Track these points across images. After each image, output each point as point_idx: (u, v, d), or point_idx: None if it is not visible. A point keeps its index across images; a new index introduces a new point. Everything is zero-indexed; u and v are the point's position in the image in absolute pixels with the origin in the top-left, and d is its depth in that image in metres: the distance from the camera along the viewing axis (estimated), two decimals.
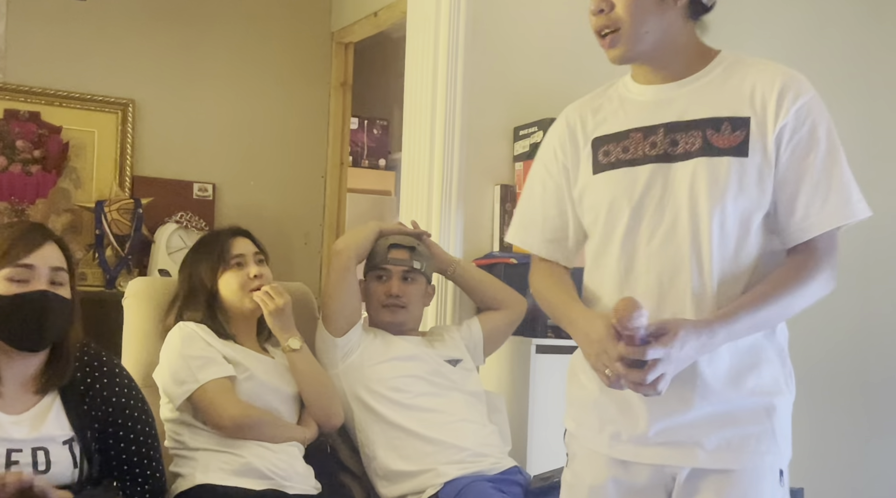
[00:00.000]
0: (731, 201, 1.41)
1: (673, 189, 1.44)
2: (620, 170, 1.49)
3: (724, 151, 1.42)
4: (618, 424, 1.49)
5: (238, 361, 2.14)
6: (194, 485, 2.00)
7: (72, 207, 3.62)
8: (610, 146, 1.51)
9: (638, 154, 1.47)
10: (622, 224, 1.48)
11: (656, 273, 1.45)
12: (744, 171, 1.41)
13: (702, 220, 1.42)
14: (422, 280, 2.45)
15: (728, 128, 1.43)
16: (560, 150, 1.60)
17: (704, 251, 1.42)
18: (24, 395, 1.76)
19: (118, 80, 3.74)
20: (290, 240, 4.05)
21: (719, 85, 1.47)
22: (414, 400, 2.30)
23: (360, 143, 5.09)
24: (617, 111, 1.55)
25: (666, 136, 1.46)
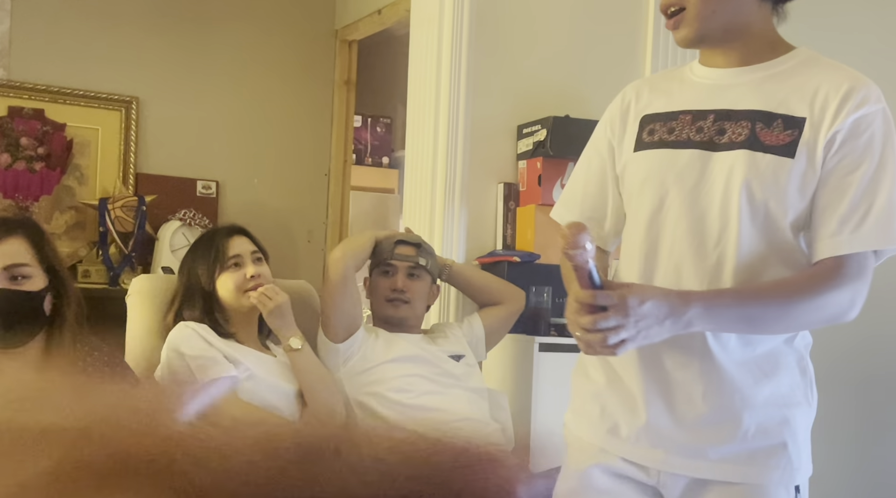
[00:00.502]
0: (763, 201, 1.33)
1: (709, 178, 1.37)
2: (661, 150, 1.42)
3: (770, 148, 1.34)
4: (617, 416, 1.44)
5: (239, 359, 2.14)
6: None
7: (76, 205, 3.63)
8: (656, 125, 1.45)
9: (682, 137, 1.41)
10: (650, 205, 1.42)
11: (676, 261, 1.38)
12: (786, 174, 1.32)
13: (731, 216, 1.35)
14: (427, 278, 2.45)
15: (780, 125, 1.35)
16: (610, 127, 1.53)
17: (729, 249, 1.35)
18: None
19: (122, 77, 3.74)
20: (294, 238, 4.05)
21: (783, 79, 1.38)
22: (417, 400, 2.30)
23: (364, 141, 5.09)
24: (673, 91, 1.48)
25: (714, 123, 1.39)
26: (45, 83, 3.62)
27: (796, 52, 1.41)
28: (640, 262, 1.42)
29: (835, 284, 1.32)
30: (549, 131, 2.77)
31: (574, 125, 2.77)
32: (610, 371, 1.46)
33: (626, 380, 1.43)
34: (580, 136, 3.00)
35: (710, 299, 1.31)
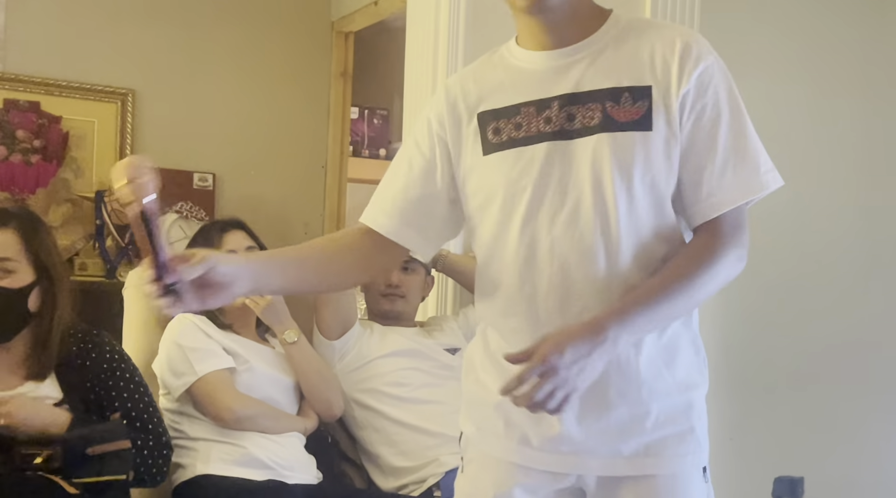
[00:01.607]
0: (639, 180, 1.27)
1: (574, 168, 1.29)
2: (514, 150, 1.32)
3: (626, 125, 1.27)
4: (526, 428, 1.33)
5: (237, 352, 2.14)
6: (195, 475, 2.00)
7: (72, 197, 3.62)
8: (500, 123, 1.34)
9: (532, 131, 1.31)
10: (520, 209, 1.31)
11: (560, 262, 1.29)
12: (649, 146, 1.27)
13: (608, 200, 1.27)
14: (421, 271, 2.45)
15: (629, 99, 1.28)
16: (437, 125, 1.39)
17: (613, 235, 1.28)
18: (18, 375, 1.78)
19: (118, 70, 3.73)
20: (291, 230, 4.04)
21: (615, 50, 1.31)
22: (414, 393, 2.30)
23: (361, 133, 5.09)
24: (504, 82, 1.36)
25: (561, 110, 1.30)
26: (41, 76, 3.61)
27: (615, 18, 1.35)
28: (518, 269, 1.32)
29: (722, 246, 1.29)
30: None
31: None
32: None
33: None
34: None
35: (620, 315, 1.24)
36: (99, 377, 1.82)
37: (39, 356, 1.78)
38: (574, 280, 1.29)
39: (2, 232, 1.76)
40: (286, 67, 4.06)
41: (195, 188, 3.83)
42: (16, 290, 1.74)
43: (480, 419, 1.40)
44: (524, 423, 1.33)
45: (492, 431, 1.38)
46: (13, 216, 1.81)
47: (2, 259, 1.74)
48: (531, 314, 1.31)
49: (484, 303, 1.41)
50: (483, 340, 1.42)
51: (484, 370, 1.39)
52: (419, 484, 2.20)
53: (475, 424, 1.41)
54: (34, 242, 1.79)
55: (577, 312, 1.28)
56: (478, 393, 1.40)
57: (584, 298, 1.28)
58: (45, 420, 1.69)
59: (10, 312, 1.75)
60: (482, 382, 1.39)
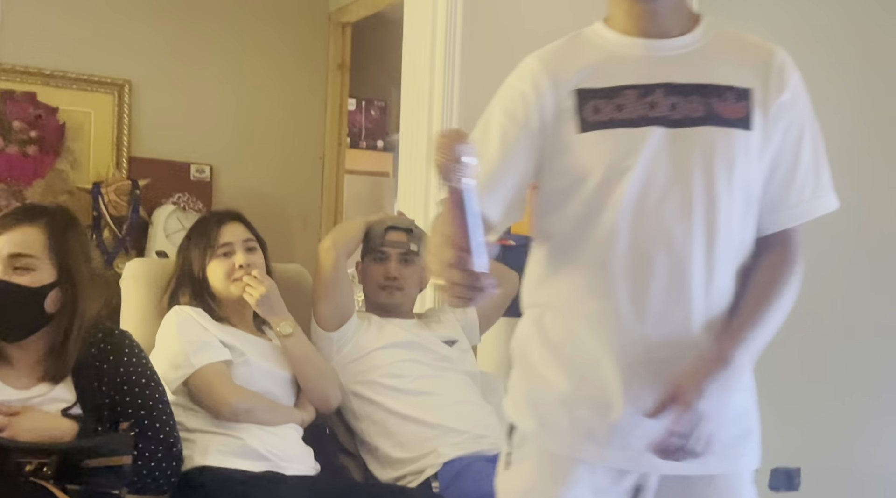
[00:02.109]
0: (738, 176, 1.29)
1: (683, 156, 1.28)
2: (617, 130, 1.29)
3: (731, 122, 1.29)
4: (593, 423, 1.31)
5: (234, 344, 2.14)
6: (193, 467, 2.01)
7: (69, 189, 3.61)
8: (599, 102, 1.30)
9: (635, 114, 1.29)
10: (623, 190, 1.28)
11: (667, 247, 1.27)
12: (749, 146, 1.30)
13: (713, 192, 1.28)
14: (419, 262, 2.45)
15: (732, 97, 1.30)
16: (535, 96, 1.34)
17: (714, 228, 1.28)
18: (32, 376, 1.76)
19: (114, 60, 3.72)
20: (289, 221, 4.04)
21: (715, 50, 1.34)
22: (412, 384, 2.30)
23: (358, 125, 5.08)
24: (601, 63, 1.34)
25: (666, 98, 1.29)
26: (37, 66, 3.59)
27: (709, 23, 1.38)
28: (616, 251, 1.28)
29: (796, 264, 1.34)
30: None
31: None
32: (577, 375, 1.32)
33: (600, 383, 1.31)
34: None
35: (740, 343, 1.27)
36: (114, 382, 1.79)
37: (56, 359, 1.75)
38: (676, 267, 1.28)
39: (29, 228, 1.73)
40: (283, 59, 4.05)
41: (192, 180, 3.83)
42: (32, 289, 1.71)
43: (543, 415, 1.34)
44: (591, 418, 1.31)
45: (556, 426, 1.33)
46: (45, 214, 1.77)
47: (22, 256, 1.71)
48: (626, 298, 1.28)
49: (549, 286, 1.36)
50: (538, 329, 1.37)
51: (545, 364, 1.35)
52: (417, 475, 2.20)
53: (537, 419, 1.35)
54: (60, 242, 1.74)
55: (676, 298, 1.28)
56: (540, 388, 1.35)
57: (686, 286, 1.28)
58: (50, 433, 1.66)
59: (24, 311, 1.71)
60: (544, 376, 1.34)
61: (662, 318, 1.29)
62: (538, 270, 1.39)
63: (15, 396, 1.72)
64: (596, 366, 1.30)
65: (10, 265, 1.71)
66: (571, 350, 1.32)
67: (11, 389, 1.72)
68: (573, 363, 1.29)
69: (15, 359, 1.75)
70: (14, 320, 1.72)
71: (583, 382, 1.31)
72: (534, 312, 1.40)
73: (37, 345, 1.76)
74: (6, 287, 1.70)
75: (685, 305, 1.29)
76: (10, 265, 1.71)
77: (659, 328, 1.29)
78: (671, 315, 1.29)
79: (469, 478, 2.12)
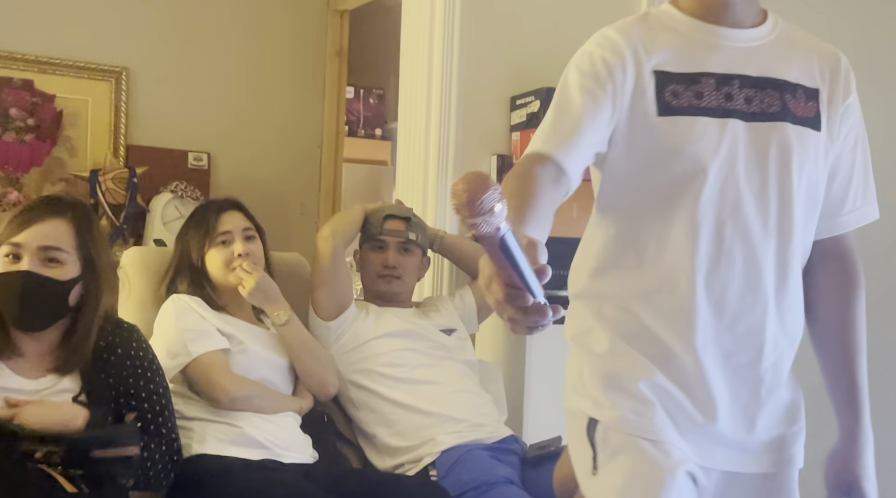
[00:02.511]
0: (807, 176, 1.27)
1: (762, 150, 1.24)
2: (697, 118, 1.23)
3: (803, 121, 1.27)
4: (677, 416, 1.26)
5: (232, 333, 2.14)
6: (191, 455, 2.01)
7: (67, 177, 3.60)
8: (678, 86, 1.25)
9: (713, 103, 1.24)
10: (704, 185, 1.23)
11: (744, 252, 1.24)
12: (819, 146, 1.28)
13: (788, 190, 1.25)
14: (417, 251, 2.45)
15: (802, 96, 1.28)
16: (618, 64, 1.26)
17: (788, 225, 1.26)
18: (41, 367, 1.76)
19: (111, 47, 3.70)
20: (287, 210, 4.03)
21: (784, 48, 1.31)
22: (410, 373, 2.30)
23: (357, 113, 5.07)
24: (677, 47, 1.28)
25: (741, 90, 1.26)
26: (34, 54, 3.58)
27: (775, 17, 1.36)
28: (694, 243, 1.24)
29: (861, 277, 1.37)
30: (542, 103, 2.76)
31: None
32: (658, 367, 1.26)
33: (682, 378, 1.26)
34: None
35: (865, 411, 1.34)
36: (120, 375, 1.80)
37: (69, 351, 1.76)
38: (752, 267, 1.25)
39: (59, 221, 1.73)
40: (281, 46, 4.03)
41: (190, 168, 3.81)
42: (61, 282, 1.72)
43: (633, 404, 1.26)
44: (676, 411, 1.26)
45: (650, 414, 1.25)
46: (70, 207, 1.77)
47: (55, 249, 1.72)
48: (704, 295, 1.25)
49: (612, 276, 1.30)
50: (601, 320, 1.31)
51: (623, 355, 1.27)
52: (415, 463, 2.20)
53: (628, 409, 1.26)
54: (87, 236, 1.76)
55: (752, 301, 1.26)
56: (624, 377, 1.27)
57: (761, 289, 1.26)
58: (60, 419, 1.67)
59: (49, 304, 1.72)
60: (624, 366, 1.27)
61: (737, 319, 1.26)
62: (598, 258, 1.31)
63: (25, 386, 1.72)
64: (674, 361, 1.26)
65: (39, 257, 1.71)
66: (648, 345, 1.26)
67: (21, 378, 1.72)
68: (652, 356, 1.25)
69: (25, 348, 1.75)
70: (38, 312, 1.73)
71: (665, 374, 1.26)
72: (591, 303, 1.32)
73: (50, 336, 1.77)
74: (37, 280, 1.70)
75: (760, 307, 1.26)
76: (39, 257, 1.71)
77: (733, 330, 1.26)
78: (746, 317, 1.26)
79: (467, 466, 2.13)
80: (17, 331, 1.74)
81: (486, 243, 0.82)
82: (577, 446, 1.30)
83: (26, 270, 1.69)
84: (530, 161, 1.21)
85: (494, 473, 2.10)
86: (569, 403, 1.33)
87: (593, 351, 1.30)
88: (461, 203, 0.77)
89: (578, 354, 1.33)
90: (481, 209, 0.78)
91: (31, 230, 1.71)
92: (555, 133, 1.24)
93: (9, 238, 1.71)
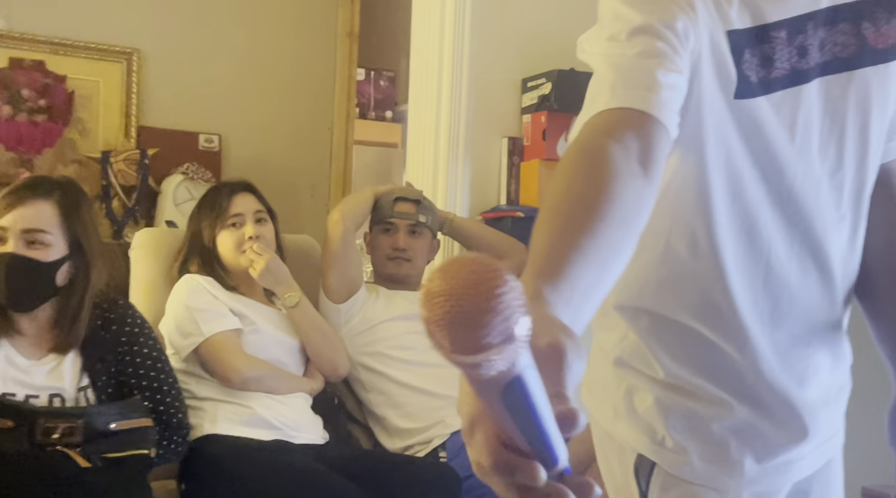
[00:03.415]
0: (889, 122, 1.01)
1: (841, 116, 0.98)
2: (774, 96, 0.95)
3: (885, 54, 0.98)
4: (770, 442, 1.04)
5: (244, 313, 2.15)
6: (203, 435, 2.02)
7: (78, 158, 3.61)
8: (751, 51, 0.95)
9: (785, 67, 0.95)
10: (779, 186, 0.97)
11: (813, 260, 1.02)
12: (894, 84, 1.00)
13: (868, 161, 1.00)
14: (427, 234, 2.45)
15: (882, 15, 0.98)
16: (706, 14, 0.92)
17: (863, 211, 1.03)
18: (42, 346, 1.78)
19: (123, 28, 3.70)
20: (297, 192, 4.04)
21: None
22: (419, 356, 2.31)
23: (367, 95, 5.06)
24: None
25: (814, 34, 0.96)
26: (46, 35, 3.58)
27: None
28: (780, 263, 1.00)
29: None
30: (553, 85, 2.75)
31: (579, 79, 2.74)
32: (759, 402, 1.04)
33: (782, 402, 1.05)
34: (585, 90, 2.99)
35: None
36: (117, 352, 1.82)
37: (66, 329, 1.78)
38: (824, 260, 1.03)
39: (43, 203, 1.75)
40: (292, 28, 4.02)
41: (201, 149, 3.82)
42: (46, 263, 1.74)
43: (695, 451, 1.03)
44: (755, 443, 1.04)
45: (709, 453, 1.03)
46: (57, 187, 1.79)
47: (38, 231, 1.74)
48: (763, 288, 1.01)
49: (664, 287, 1.02)
50: (660, 341, 1.03)
51: (690, 385, 1.02)
52: (425, 445, 2.22)
53: (688, 454, 1.03)
54: (73, 217, 1.77)
55: (824, 281, 1.04)
56: (687, 418, 1.03)
57: (833, 277, 1.04)
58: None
59: (36, 285, 1.75)
60: (692, 400, 1.03)
61: (805, 323, 1.06)
62: (656, 269, 1.02)
63: (27, 363, 1.75)
64: (751, 388, 1.03)
65: (23, 240, 1.73)
66: (720, 371, 1.02)
67: (24, 358, 1.75)
68: (724, 383, 1.01)
69: (24, 328, 1.78)
70: (26, 293, 1.76)
71: (743, 404, 1.03)
72: (642, 316, 1.05)
73: (46, 314, 1.79)
74: (21, 262, 1.72)
75: (827, 303, 1.06)
76: (23, 240, 1.73)
77: (803, 339, 1.06)
78: (813, 317, 1.07)
79: None
80: (10, 311, 1.76)
81: (479, 386, 0.49)
82: (617, 477, 1.09)
83: (10, 252, 1.71)
84: (599, 132, 0.84)
85: None
86: (610, 426, 1.09)
87: (647, 374, 1.04)
88: (441, 327, 0.44)
89: (624, 373, 1.06)
90: (486, 341, 0.43)
91: (15, 213, 1.73)
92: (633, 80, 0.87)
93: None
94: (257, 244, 2.16)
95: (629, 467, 1.06)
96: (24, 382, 1.72)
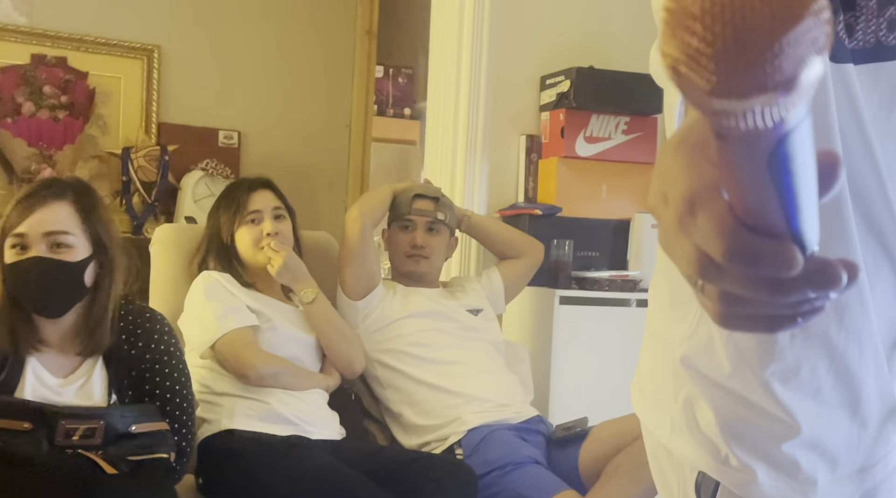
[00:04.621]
0: None
1: None
2: (873, 65, 0.83)
3: None
4: (836, 456, 0.94)
5: (261, 310, 2.16)
6: (220, 430, 2.03)
7: (99, 154, 3.64)
8: (845, 16, 0.86)
9: (870, 41, 0.85)
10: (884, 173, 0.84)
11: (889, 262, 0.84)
12: None
13: None
14: (445, 231, 2.45)
15: None
16: None
17: None
18: (67, 356, 1.77)
19: (144, 25, 3.73)
20: (315, 189, 4.05)
21: None
22: (437, 353, 2.31)
23: (386, 92, 5.06)
24: None
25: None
26: (68, 31, 3.61)
27: None
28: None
29: None
30: (572, 82, 2.74)
31: (598, 76, 2.74)
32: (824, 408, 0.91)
33: (840, 405, 0.91)
34: (604, 87, 2.98)
35: None
36: (140, 368, 1.80)
37: (93, 331, 1.75)
38: None
39: (60, 204, 1.73)
40: (311, 25, 4.04)
41: (220, 146, 3.84)
42: (74, 263, 1.72)
43: (763, 471, 0.93)
44: (836, 452, 0.93)
45: (778, 473, 0.94)
46: (69, 188, 1.77)
47: (61, 232, 1.71)
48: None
49: None
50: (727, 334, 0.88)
51: (755, 392, 0.90)
52: (441, 442, 2.22)
53: (755, 474, 0.93)
54: (91, 216, 1.76)
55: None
56: (752, 436, 0.92)
57: None
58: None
59: (67, 287, 1.72)
60: (758, 415, 0.90)
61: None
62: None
63: (56, 383, 1.72)
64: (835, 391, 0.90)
65: (46, 243, 1.71)
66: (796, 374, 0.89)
67: (52, 376, 1.73)
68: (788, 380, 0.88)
69: (49, 336, 1.75)
70: (58, 297, 1.73)
71: (831, 411, 0.92)
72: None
73: (70, 319, 1.77)
74: (50, 265, 1.70)
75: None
76: (46, 243, 1.71)
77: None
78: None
79: (493, 445, 2.14)
80: (39, 318, 1.74)
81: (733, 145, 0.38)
82: (675, 493, 1.01)
83: (37, 256, 1.69)
84: None
85: (520, 453, 2.11)
86: (667, 440, 0.98)
87: (710, 376, 0.91)
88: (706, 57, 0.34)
89: (688, 375, 0.94)
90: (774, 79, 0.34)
91: (33, 218, 1.71)
92: None
93: (13, 229, 1.71)
94: (275, 241, 2.17)
95: (689, 485, 0.97)
96: (55, 402, 1.69)
